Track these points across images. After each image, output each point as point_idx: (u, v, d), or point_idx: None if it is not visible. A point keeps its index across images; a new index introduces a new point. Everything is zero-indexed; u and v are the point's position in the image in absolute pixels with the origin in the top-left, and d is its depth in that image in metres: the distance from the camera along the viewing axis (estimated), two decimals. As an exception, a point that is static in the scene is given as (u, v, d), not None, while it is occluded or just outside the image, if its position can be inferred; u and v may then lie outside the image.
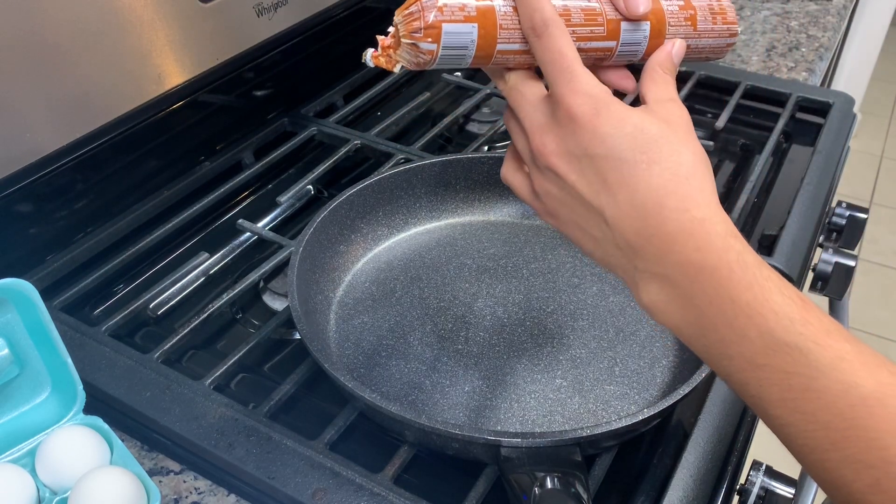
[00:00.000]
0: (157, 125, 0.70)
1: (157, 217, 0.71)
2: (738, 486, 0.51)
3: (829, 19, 1.08)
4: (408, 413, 0.47)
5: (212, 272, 0.68)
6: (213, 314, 0.60)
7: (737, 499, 0.52)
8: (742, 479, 0.52)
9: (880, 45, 2.09)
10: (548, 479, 0.44)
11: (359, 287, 0.64)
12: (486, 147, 0.83)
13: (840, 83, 1.90)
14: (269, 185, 0.81)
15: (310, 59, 0.86)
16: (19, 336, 0.50)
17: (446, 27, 0.38)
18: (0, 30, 0.55)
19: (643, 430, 0.50)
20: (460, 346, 0.58)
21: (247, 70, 0.77)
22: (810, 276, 0.75)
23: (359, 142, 0.80)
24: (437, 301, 0.63)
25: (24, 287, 0.48)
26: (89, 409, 0.51)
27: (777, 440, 0.35)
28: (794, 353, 0.33)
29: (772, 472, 0.52)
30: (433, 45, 0.38)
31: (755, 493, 0.51)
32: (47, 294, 0.61)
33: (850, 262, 0.74)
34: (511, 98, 0.41)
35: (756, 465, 0.53)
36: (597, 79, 0.38)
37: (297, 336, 0.62)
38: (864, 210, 0.79)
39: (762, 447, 0.54)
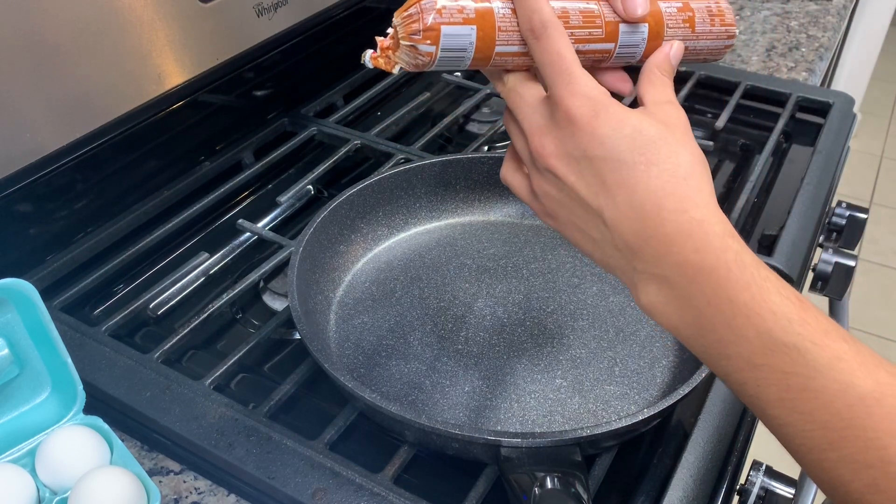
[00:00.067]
0: (157, 125, 0.70)
1: (157, 217, 0.71)
2: (738, 486, 0.51)
3: (829, 19, 1.08)
4: (408, 413, 0.47)
5: (212, 272, 0.68)
6: (213, 314, 0.60)
7: (737, 499, 0.52)
8: (742, 479, 0.52)
9: (880, 45, 2.09)
10: (548, 479, 0.44)
11: (359, 287, 0.64)
12: (486, 147, 0.83)
13: (840, 83, 1.90)
14: (269, 185, 0.81)
15: (310, 59, 0.86)
16: (19, 336, 0.50)
17: (445, 29, 0.38)
18: (0, 30, 0.55)
19: (643, 430, 0.50)
20: (460, 346, 0.58)
21: (247, 70, 0.77)
22: (810, 276, 0.75)
23: (359, 142, 0.80)
24: (437, 301, 0.63)
25: (24, 287, 0.48)
26: (89, 409, 0.51)
27: (777, 440, 0.35)
28: (792, 353, 0.33)
29: (772, 472, 0.52)
30: (432, 48, 0.38)
31: (755, 493, 0.51)
32: (47, 294, 0.61)
33: (850, 262, 0.74)
34: (510, 100, 0.41)
35: (756, 465, 0.53)
36: (595, 81, 0.38)
37: (297, 336, 0.62)
38: (864, 210, 0.79)
39: (762, 447, 0.54)
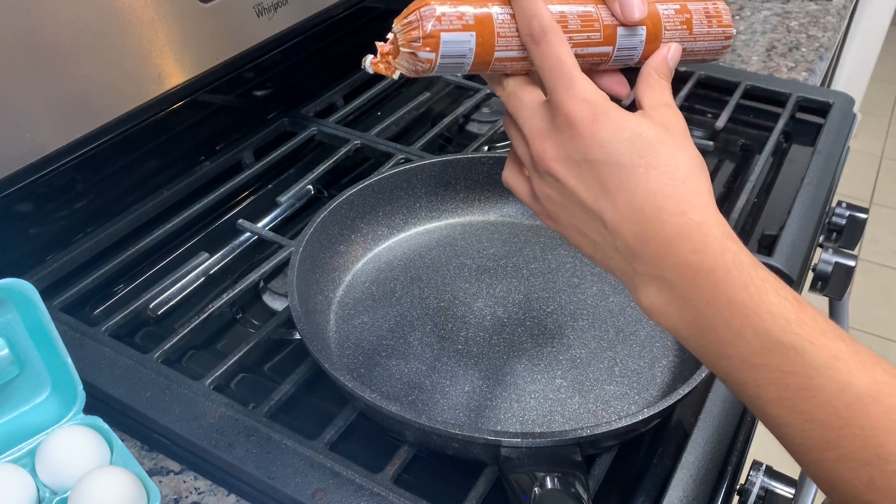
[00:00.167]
0: (157, 125, 0.70)
1: (157, 217, 0.71)
2: (738, 486, 0.51)
3: (829, 19, 1.08)
4: (408, 413, 0.47)
5: (212, 272, 0.68)
6: (213, 314, 0.60)
7: (737, 499, 0.52)
8: (742, 479, 0.52)
9: (880, 45, 2.09)
10: (548, 479, 0.44)
11: (359, 287, 0.64)
12: (486, 147, 0.83)
13: (840, 83, 1.90)
14: (269, 185, 0.81)
15: (310, 59, 0.86)
16: (19, 336, 0.50)
17: (444, 36, 0.38)
18: (0, 30, 0.55)
19: (643, 430, 0.50)
20: (460, 346, 0.58)
21: (247, 70, 0.77)
22: (810, 276, 0.75)
23: (359, 142, 0.80)
24: (437, 301, 0.63)
25: (24, 287, 0.48)
26: (89, 409, 0.51)
27: (776, 440, 0.35)
28: (790, 352, 0.33)
29: (772, 472, 0.52)
30: (432, 54, 0.38)
31: (755, 493, 0.51)
32: (47, 294, 0.61)
33: (850, 262, 0.74)
34: (509, 104, 0.42)
35: (756, 465, 0.53)
36: (595, 85, 0.38)
37: (297, 336, 0.62)
38: (864, 210, 0.79)
39: (762, 447, 0.54)
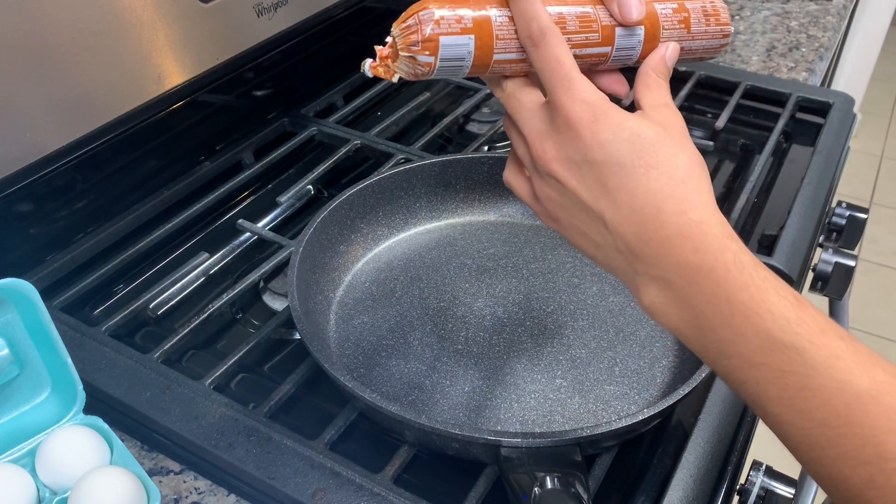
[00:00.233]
0: (157, 125, 0.70)
1: (157, 217, 0.71)
2: (738, 486, 0.51)
3: (829, 19, 1.08)
4: (408, 413, 0.47)
5: (212, 272, 0.68)
6: (213, 314, 0.60)
7: (737, 499, 0.52)
8: (742, 479, 0.52)
9: (880, 45, 2.09)
10: (548, 479, 0.44)
11: (359, 287, 0.64)
12: (486, 147, 0.83)
13: (840, 83, 1.90)
14: (269, 185, 0.81)
15: (310, 59, 0.86)
16: (19, 336, 0.50)
17: (443, 40, 0.38)
18: (0, 30, 0.55)
19: (643, 430, 0.50)
20: (460, 346, 0.58)
21: (247, 70, 0.77)
22: (810, 276, 0.75)
23: (359, 142, 0.80)
24: (437, 301, 0.63)
25: (24, 287, 0.48)
26: (89, 409, 0.51)
27: (776, 440, 0.36)
28: (791, 352, 0.33)
29: (772, 472, 0.52)
30: (431, 58, 0.38)
31: (755, 493, 0.51)
32: (47, 294, 0.61)
33: (850, 262, 0.74)
34: (509, 105, 0.42)
35: (756, 465, 0.53)
36: (594, 85, 0.38)
37: (297, 336, 0.62)
38: (864, 210, 0.79)
39: (762, 447, 0.54)
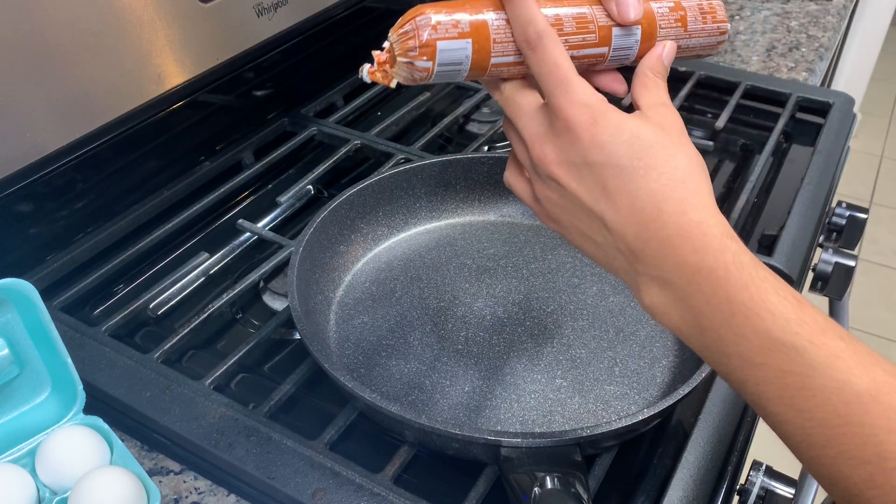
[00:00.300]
0: (157, 125, 0.70)
1: (157, 217, 0.71)
2: (738, 486, 0.51)
3: (829, 19, 1.08)
4: (408, 413, 0.47)
5: (212, 272, 0.68)
6: (213, 314, 0.60)
7: (737, 499, 0.52)
8: (742, 479, 0.52)
9: (880, 45, 2.09)
10: (548, 479, 0.44)
11: (359, 287, 0.64)
12: (486, 147, 0.83)
13: (840, 83, 1.90)
14: (269, 185, 0.81)
15: (310, 59, 0.86)
16: (19, 336, 0.50)
17: (441, 45, 0.38)
18: (0, 30, 0.55)
19: (643, 430, 0.50)
20: (460, 346, 0.58)
21: (247, 70, 0.77)
22: (810, 276, 0.75)
23: (359, 142, 0.80)
24: (437, 301, 0.63)
25: (24, 287, 0.48)
26: (89, 409, 0.51)
27: (776, 440, 0.36)
28: (790, 352, 0.33)
29: (772, 472, 0.52)
30: (429, 63, 0.38)
31: (755, 493, 0.51)
32: (47, 294, 0.61)
33: (850, 262, 0.74)
34: (507, 108, 0.42)
35: (756, 465, 0.53)
36: (592, 87, 0.39)
37: (297, 336, 0.62)
38: (864, 210, 0.79)
39: (762, 447, 0.54)
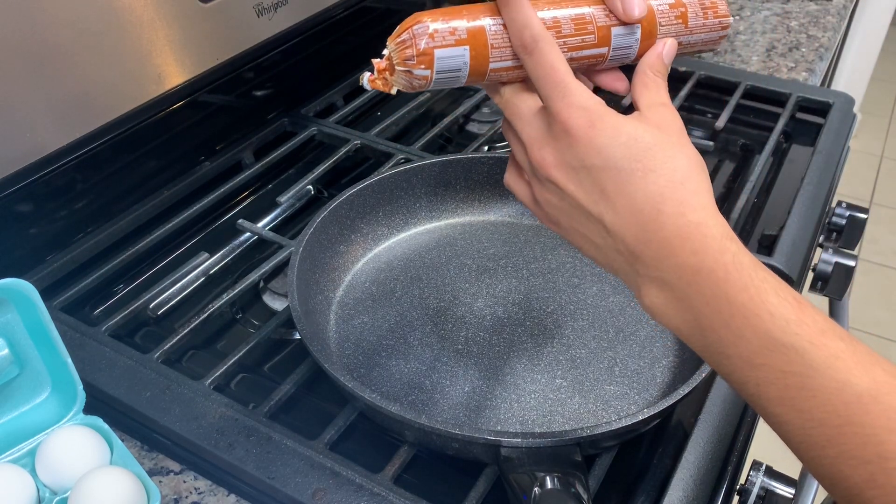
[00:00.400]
0: (157, 125, 0.70)
1: (157, 217, 0.71)
2: (738, 486, 0.51)
3: (829, 19, 1.08)
4: (408, 413, 0.47)
5: (212, 272, 0.68)
6: (213, 314, 0.60)
7: (737, 499, 0.52)
8: (742, 479, 0.52)
9: (880, 45, 2.09)
10: (548, 479, 0.44)
11: (359, 287, 0.64)
12: (486, 147, 0.83)
13: (840, 83, 1.90)
14: (269, 185, 0.81)
15: (310, 59, 0.86)
16: (19, 336, 0.50)
17: (438, 53, 0.38)
18: (0, 30, 0.55)
19: (643, 430, 0.50)
20: (460, 346, 0.58)
21: (247, 70, 0.77)
22: (810, 276, 0.75)
23: (359, 142, 0.80)
24: (437, 301, 0.63)
25: (24, 287, 0.48)
26: (89, 409, 0.51)
27: (776, 440, 0.36)
28: (790, 352, 0.33)
29: (772, 472, 0.52)
30: (427, 71, 0.39)
31: (755, 493, 0.51)
32: (47, 294, 0.61)
33: (850, 262, 0.74)
34: (507, 111, 0.42)
35: (756, 465, 0.53)
36: (590, 90, 0.39)
37: (297, 336, 0.62)
38: (864, 210, 0.79)
39: (762, 447, 0.54)
